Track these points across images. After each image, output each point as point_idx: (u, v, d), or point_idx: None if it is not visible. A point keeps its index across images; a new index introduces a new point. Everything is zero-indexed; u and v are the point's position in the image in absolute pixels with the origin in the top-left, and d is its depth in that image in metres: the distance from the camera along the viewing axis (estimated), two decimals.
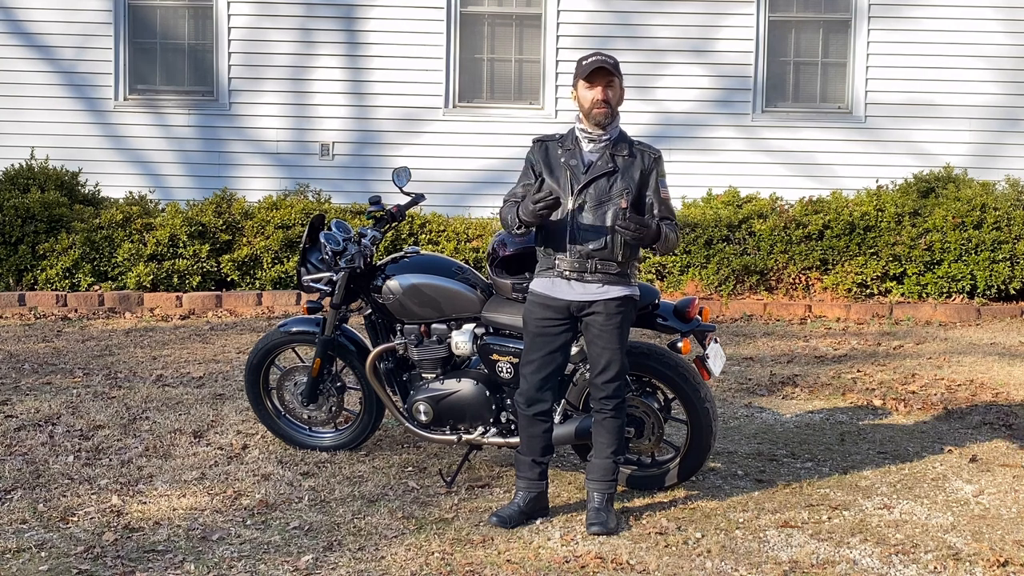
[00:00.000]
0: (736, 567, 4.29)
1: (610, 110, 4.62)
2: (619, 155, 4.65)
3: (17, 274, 9.89)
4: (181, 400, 6.62)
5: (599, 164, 4.62)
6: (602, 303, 4.61)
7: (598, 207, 4.59)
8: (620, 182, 4.60)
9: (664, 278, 10.06)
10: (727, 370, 7.44)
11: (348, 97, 11.33)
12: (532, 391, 4.71)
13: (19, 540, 4.46)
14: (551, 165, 4.68)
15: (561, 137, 4.75)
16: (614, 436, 4.71)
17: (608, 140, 4.66)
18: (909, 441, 5.96)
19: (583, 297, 4.62)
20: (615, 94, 4.64)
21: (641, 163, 4.65)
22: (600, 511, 4.65)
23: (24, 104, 11.24)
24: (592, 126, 4.64)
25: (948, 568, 4.30)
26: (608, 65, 4.59)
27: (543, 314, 4.67)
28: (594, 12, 11.23)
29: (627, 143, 4.69)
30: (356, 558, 4.34)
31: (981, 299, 9.85)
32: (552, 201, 4.47)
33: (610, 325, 4.62)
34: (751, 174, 11.07)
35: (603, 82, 4.60)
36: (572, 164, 4.64)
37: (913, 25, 11.20)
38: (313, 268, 5.50)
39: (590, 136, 4.65)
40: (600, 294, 4.61)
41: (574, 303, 4.63)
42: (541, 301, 4.68)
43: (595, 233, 4.58)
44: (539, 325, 4.68)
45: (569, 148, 4.68)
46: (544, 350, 4.68)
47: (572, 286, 4.62)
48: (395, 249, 9.64)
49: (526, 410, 4.75)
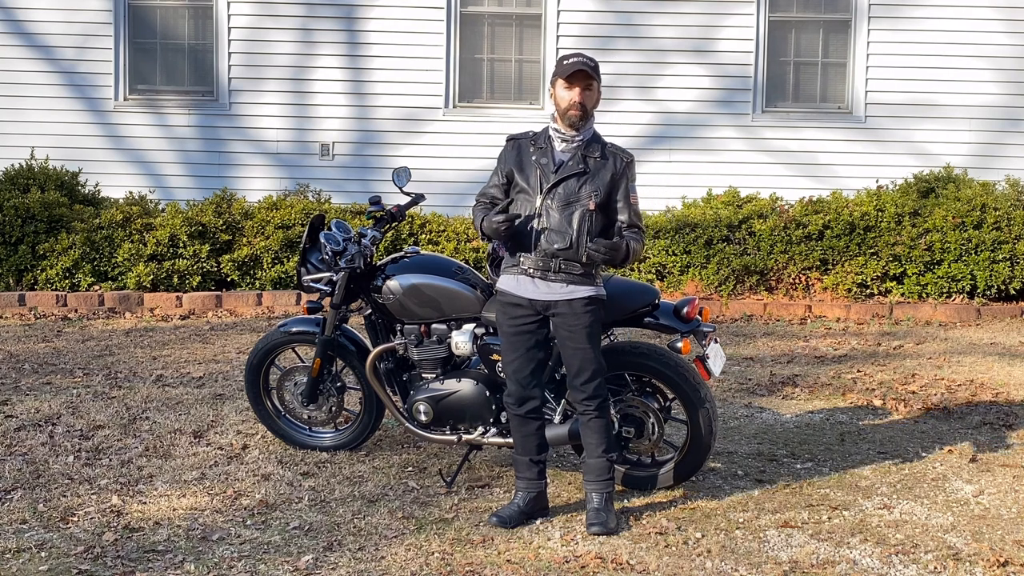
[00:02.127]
0: (736, 567, 4.29)
1: (585, 113, 4.62)
2: (591, 157, 4.65)
3: (17, 274, 9.89)
4: (181, 400, 6.62)
5: (570, 164, 4.63)
6: (567, 303, 4.62)
7: (565, 207, 4.60)
8: (589, 184, 4.61)
9: (664, 278, 10.06)
10: (727, 370, 7.44)
11: (348, 97, 11.34)
12: (520, 390, 4.73)
13: (19, 540, 4.46)
14: (522, 163, 4.69)
15: (535, 135, 4.76)
16: (602, 436, 4.71)
17: (581, 141, 4.67)
18: (909, 441, 5.96)
19: (548, 296, 4.63)
20: (592, 97, 4.65)
21: (613, 166, 4.66)
22: (600, 511, 4.65)
23: (24, 104, 11.24)
24: (565, 127, 4.65)
25: (948, 568, 4.30)
26: (588, 68, 4.59)
27: (514, 312, 4.69)
28: (594, 12, 11.23)
29: (600, 145, 4.70)
30: (356, 558, 4.35)
31: (981, 299, 9.85)
32: (511, 224, 4.53)
33: (578, 325, 4.62)
34: (751, 174, 11.08)
35: (582, 84, 4.61)
36: (543, 163, 4.65)
37: (913, 25, 11.20)
38: (313, 268, 5.50)
39: (563, 136, 4.67)
40: (565, 294, 4.62)
41: (539, 302, 4.64)
42: (509, 300, 4.70)
43: (560, 233, 4.59)
44: (512, 324, 4.69)
45: (541, 147, 4.69)
46: (522, 348, 4.69)
47: (537, 284, 4.63)
48: (395, 249, 9.64)
49: (517, 409, 4.76)
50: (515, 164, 4.71)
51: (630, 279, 5.34)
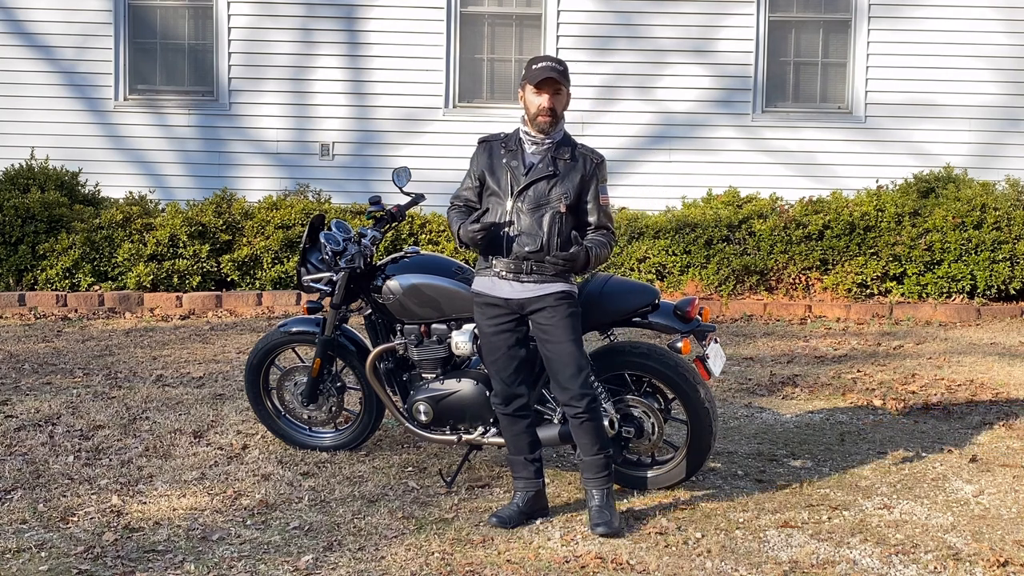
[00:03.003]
0: (736, 567, 4.29)
1: (555, 118, 4.64)
2: (561, 159, 4.66)
3: (17, 274, 9.89)
4: (181, 400, 6.62)
5: (540, 167, 4.64)
6: (540, 298, 4.63)
7: (536, 210, 4.61)
8: (559, 186, 4.62)
9: (664, 278, 10.06)
10: (727, 370, 7.44)
11: (348, 97, 11.34)
12: (504, 388, 4.74)
13: (19, 540, 4.46)
14: (493, 165, 4.71)
15: (506, 137, 4.77)
16: (595, 436, 4.70)
17: (551, 143, 4.67)
18: (909, 441, 5.96)
19: (522, 294, 4.64)
20: (561, 101, 4.66)
21: (583, 167, 4.67)
22: (603, 510, 4.64)
23: (24, 104, 11.24)
24: (536, 131, 4.66)
25: (948, 568, 4.30)
26: (556, 74, 4.60)
27: (491, 312, 4.70)
28: (594, 12, 11.23)
29: (570, 146, 4.70)
30: (356, 558, 4.35)
31: (981, 299, 9.85)
32: (486, 233, 4.57)
33: (556, 317, 4.62)
34: (751, 174, 11.08)
35: (550, 90, 4.61)
36: (513, 165, 4.66)
37: (913, 25, 11.20)
38: (313, 268, 5.50)
39: (533, 139, 4.68)
40: (539, 291, 4.63)
41: (514, 300, 4.66)
42: (485, 300, 4.72)
43: (531, 236, 4.60)
44: (490, 324, 4.71)
45: (512, 149, 4.70)
46: (503, 347, 4.70)
47: (511, 285, 4.65)
48: (395, 249, 9.64)
49: (504, 408, 4.77)
50: (486, 166, 4.74)
51: (630, 279, 5.34)
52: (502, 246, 4.64)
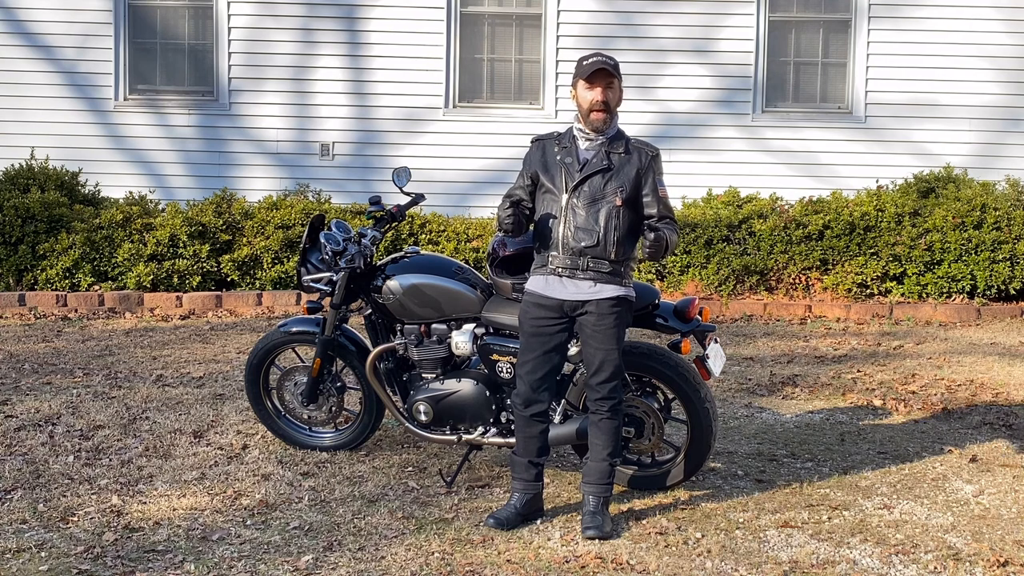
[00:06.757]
0: (736, 567, 4.29)
1: (608, 114, 4.63)
2: (615, 153, 4.65)
3: (17, 274, 9.89)
4: (181, 400, 6.62)
5: (594, 162, 4.64)
6: (595, 303, 4.61)
7: (592, 205, 4.60)
8: (615, 180, 4.61)
9: (664, 278, 10.06)
10: (727, 370, 7.44)
11: (348, 97, 11.34)
12: (529, 392, 4.71)
13: (19, 540, 4.46)
14: (547, 163, 4.70)
15: (559, 135, 4.77)
16: (610, 438, 4.70)
17: (605, 138, 4.67)
18: (909, 441, 5.96)
19: (576, 296, 4.62)
20: (614, 95, 4.66)
21: (637, 161, 4.66)
22: (596, 514, 4.64)
23: (24, 104, 11.24)
24: (589, 128, 4.65)
25: (948, 568, 4.29)
26: (608, 66, 4.60)
27: (538, 313, 4.67)
28: (594, 12, 11.23)
29: (624, 141, 4.70)
30: (356, 558, 4.35)
31: (981, 299, 9.85)
32: (514, 214, 4.58)
33: (603, 325, 4.62)
34: (751, 174, 11.08)
35: (603, 83, 4.61)
36: (567, 161, 4.65)
37: (913, 25, 11.20)
38: (313, 268, 5.50)
39: (587, 135, 4.67)
40: (593, 293, 4.61)
41: (567, 302, 4.64)
42: (535, 300, 4.69)
43: (588, 231, 4.59)
44: (534, 324, 4.68)
45: (566, 146, 4.70)
46: (540, 350, 4.68)
47: (565, 284, 4.63)
48: (395, 249, 9.64)
49: (523, 411, 4.74)
50: (540, 165, 4.71)
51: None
52: (557, 238, 4.61)
